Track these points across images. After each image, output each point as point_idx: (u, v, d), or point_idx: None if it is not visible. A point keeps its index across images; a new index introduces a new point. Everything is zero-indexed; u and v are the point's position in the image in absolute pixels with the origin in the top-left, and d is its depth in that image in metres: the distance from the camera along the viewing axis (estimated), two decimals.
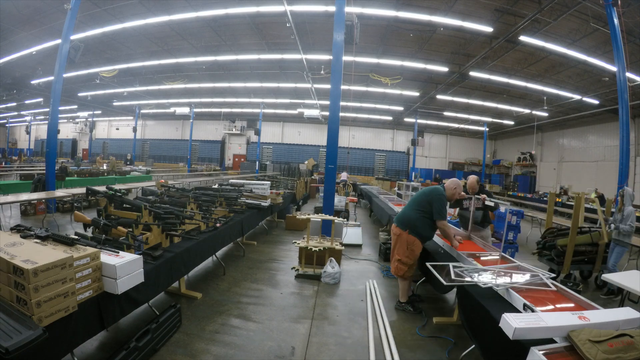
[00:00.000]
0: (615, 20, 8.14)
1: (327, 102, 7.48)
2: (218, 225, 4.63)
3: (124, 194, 3.70)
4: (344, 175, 16.78)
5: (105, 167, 18.53)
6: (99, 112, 31.02)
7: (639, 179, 16.73)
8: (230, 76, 19.10)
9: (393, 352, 3.17)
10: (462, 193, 4.39)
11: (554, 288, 2.82)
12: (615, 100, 9.08)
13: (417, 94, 19.12)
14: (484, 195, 4.83)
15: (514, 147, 27.58)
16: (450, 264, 3.21)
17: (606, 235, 5.39)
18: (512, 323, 1.88)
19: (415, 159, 28.63)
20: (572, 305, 2.58)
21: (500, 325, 2.00)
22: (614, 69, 8.86)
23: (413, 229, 4.02)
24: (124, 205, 3.68)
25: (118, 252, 2.53)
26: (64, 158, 27.90)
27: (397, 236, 4.14)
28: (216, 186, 6.68)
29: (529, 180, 25.30)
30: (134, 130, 29.93)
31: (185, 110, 26.33)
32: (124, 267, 2.38)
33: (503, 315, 1.99)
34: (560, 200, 15.11)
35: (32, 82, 19.44)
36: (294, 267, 5.48)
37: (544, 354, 1.76)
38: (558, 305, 2.58)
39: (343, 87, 8.58)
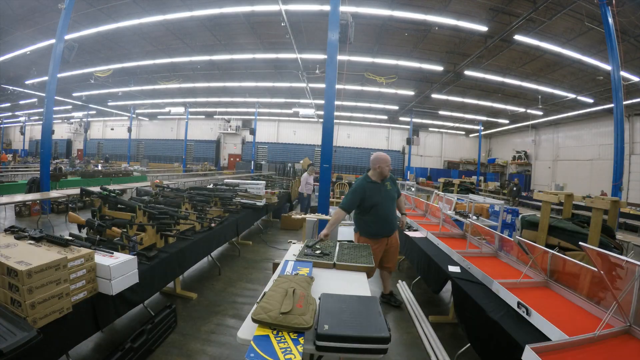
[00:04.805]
0: (610, 20, 8.18)
1: (322, 102, 7.47)
2: (213, 225, 4.62)
3: (118, 195, 3.68)
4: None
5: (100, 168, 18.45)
6: (94, 112, 30.78)
7: (633, 177, 16.84)
8: (225, 76, 19.02)
9: None
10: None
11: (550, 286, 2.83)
12: (610, 99, 9.13)
13: (412, 93, 19.12)
14: None
15: (509, 145, 27.69)
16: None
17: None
18: None
19: (410, 158, 28.68)
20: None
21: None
22: (608, 67, 8.89)
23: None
24: (119, 205, 3.65)
25: (112, 253, 2.52)
26: (59, 159, 27.60)
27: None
28: (211, 186, 6.65)
29: (524, 178, 25.43)
30: (129, 130, 29.75)
31: (180, 110, 26.21)
32: (119, 267, 2.37)
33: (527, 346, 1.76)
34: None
35: (27, 82, 19.22)
36: None
37: (539, 352, 1.77)
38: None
39: (338, 86, 8.56)
